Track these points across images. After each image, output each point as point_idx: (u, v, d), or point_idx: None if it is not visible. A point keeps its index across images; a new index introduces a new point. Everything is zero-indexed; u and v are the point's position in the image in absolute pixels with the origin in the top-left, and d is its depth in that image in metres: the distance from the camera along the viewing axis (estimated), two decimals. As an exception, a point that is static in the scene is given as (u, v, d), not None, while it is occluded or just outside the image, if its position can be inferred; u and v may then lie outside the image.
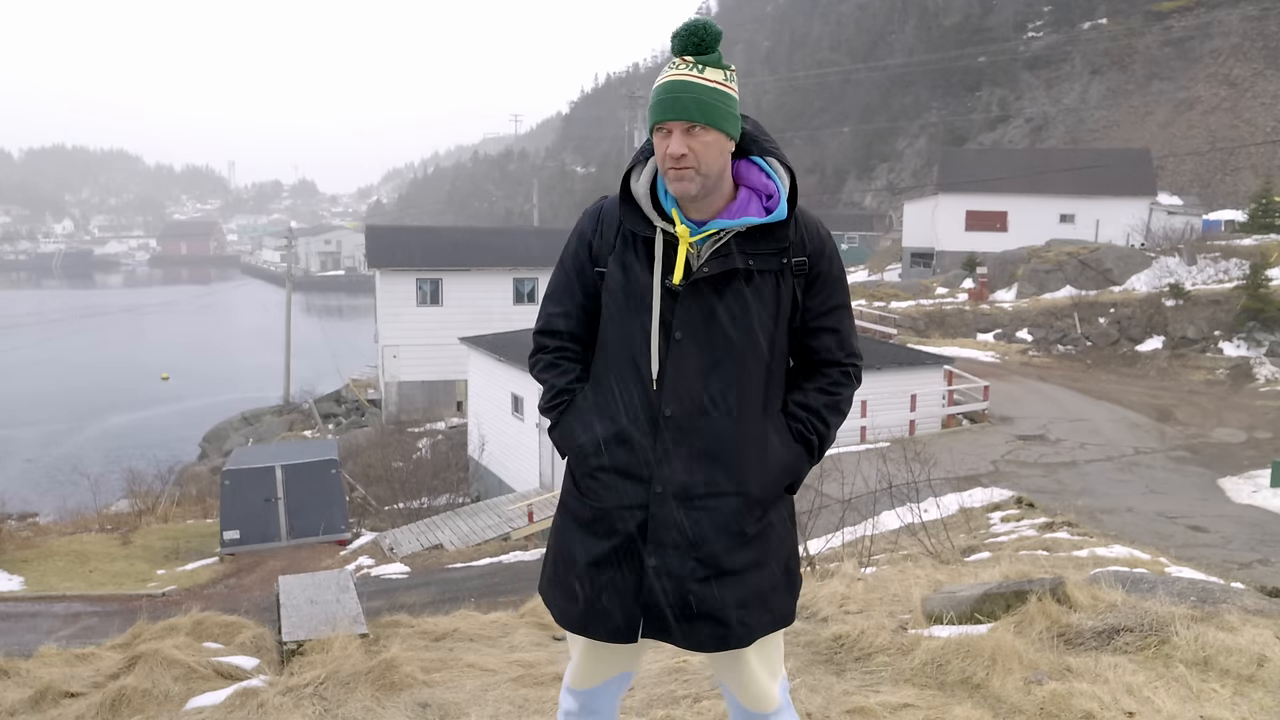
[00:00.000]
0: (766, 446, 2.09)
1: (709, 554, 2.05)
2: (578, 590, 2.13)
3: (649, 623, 2.09)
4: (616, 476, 2.08)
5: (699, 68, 1.97)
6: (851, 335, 2.18)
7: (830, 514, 9.98)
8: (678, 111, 1.95)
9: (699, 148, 1.96)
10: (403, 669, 4.26)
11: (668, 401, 2.05)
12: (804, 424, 2.13)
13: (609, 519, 2.09)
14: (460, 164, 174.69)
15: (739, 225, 2.02)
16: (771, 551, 2.12)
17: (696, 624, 2.07)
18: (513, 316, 29.45)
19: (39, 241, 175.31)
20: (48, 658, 5.59)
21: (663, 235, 2.05)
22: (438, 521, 18.85)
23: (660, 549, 2.05)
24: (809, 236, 2.10)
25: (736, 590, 2.08)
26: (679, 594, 2.06)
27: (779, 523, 2.15)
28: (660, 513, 2.05)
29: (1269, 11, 60.22)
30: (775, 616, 2.15)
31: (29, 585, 15.27)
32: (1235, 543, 11.74)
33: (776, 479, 2.11)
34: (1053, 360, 28.90)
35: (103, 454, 31.98)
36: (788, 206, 2.04)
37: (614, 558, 2.08)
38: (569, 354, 2.21)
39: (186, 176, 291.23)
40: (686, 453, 2.05)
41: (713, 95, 1.96)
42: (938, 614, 4.45)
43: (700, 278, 2.02)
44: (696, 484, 2.04)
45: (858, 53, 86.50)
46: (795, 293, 2.10)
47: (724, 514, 2.05)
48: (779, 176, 2.06)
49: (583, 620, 2.13)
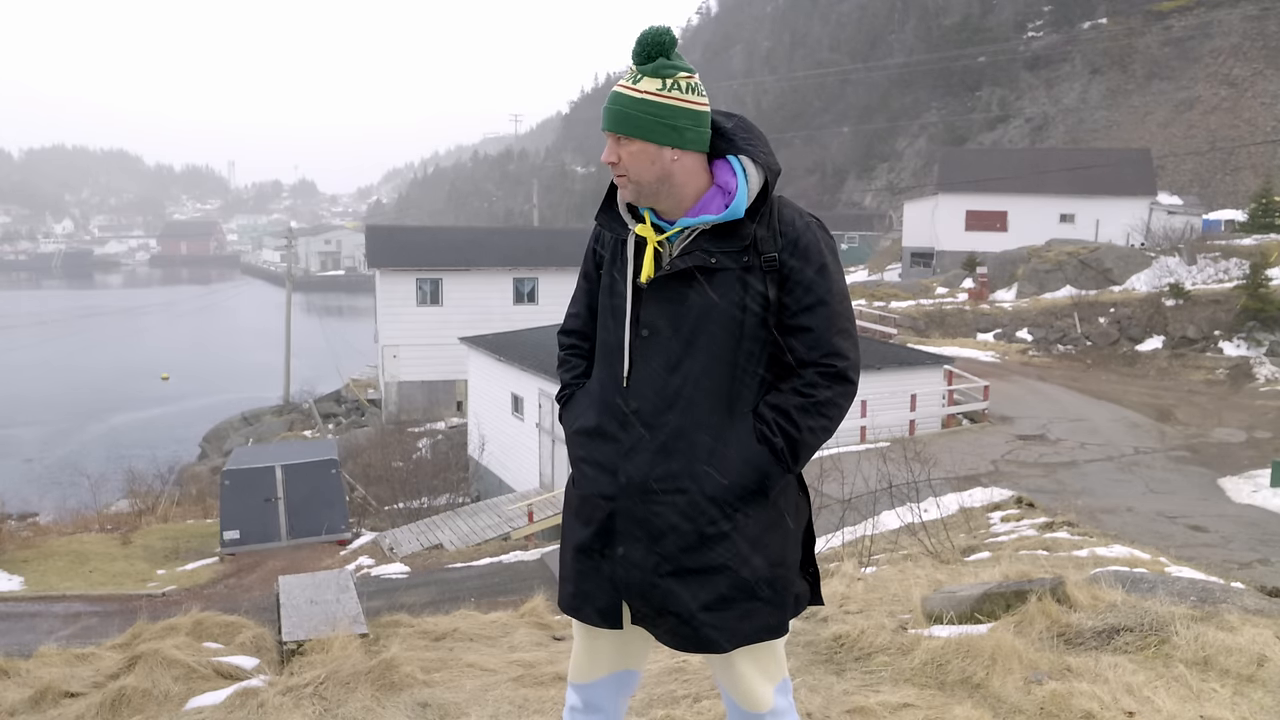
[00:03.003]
0: (726, 445, 2.07)
1: (668, 550, 2.09)
2: (570, 573, 2.24)
3: (632, 612, 2.18)
4: (594, 467, 2.19)
5: (636, 78, 2.04)
6: (831, 334, 2.08)
7: (830, 514, 9.99)
8: (606, 122, 2.07)
9: (626, 157, 2.06)
10: (403, 669, 4.25)
11: (633, 396, 2.12)
12: (769, 425, 2.07)
13: (589, 507, 2.19)
14: (460, 164, 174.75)
15: (698, 224, 2.07)
16: (742, 556, 2.07)
17: (667, 620, 2.13)
18: (513, 316, 29.46)
19: (39, 241, 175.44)
20: (48, 658, 5.59)
21: (635, 237, 2.15)
22: (438, 521, 18.84)
23: (627, 540, 2.13)
24: (783, 232, 2.08)
25: (702, 591, 2.08)
26: (645, 586, 2.12)
27: (755, 527, 2.09)
28: (625, 505, 2.12)
29: (1269, 11, 60.24)
30: (758, 626, 2.11)
31: (29, 585, 15.27)
32: (1235, 543, 11.74)
33: (736, 480, 2.06)
34: (1053, 360, 28.90)
35: (103, 454, 31.97)
36: (754, 203, 2.07)
37: (594, 544, 2.18)
38: (578, 351, 2.38)
39: (186, 176, 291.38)
40: (649, 447, 2.10)
41: (639, 107, 2.03)
42: (938, 614, 4.45)
43: (663, 275, 2.09)
44: (656, 479, 2.09)
45: (858, 53, 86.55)
46: (768, 290, 2.07)
47: (681, 511, 2.07)
48: (746, 174, 2.08)
49: (572, 602, 2.24)
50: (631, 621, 2.19)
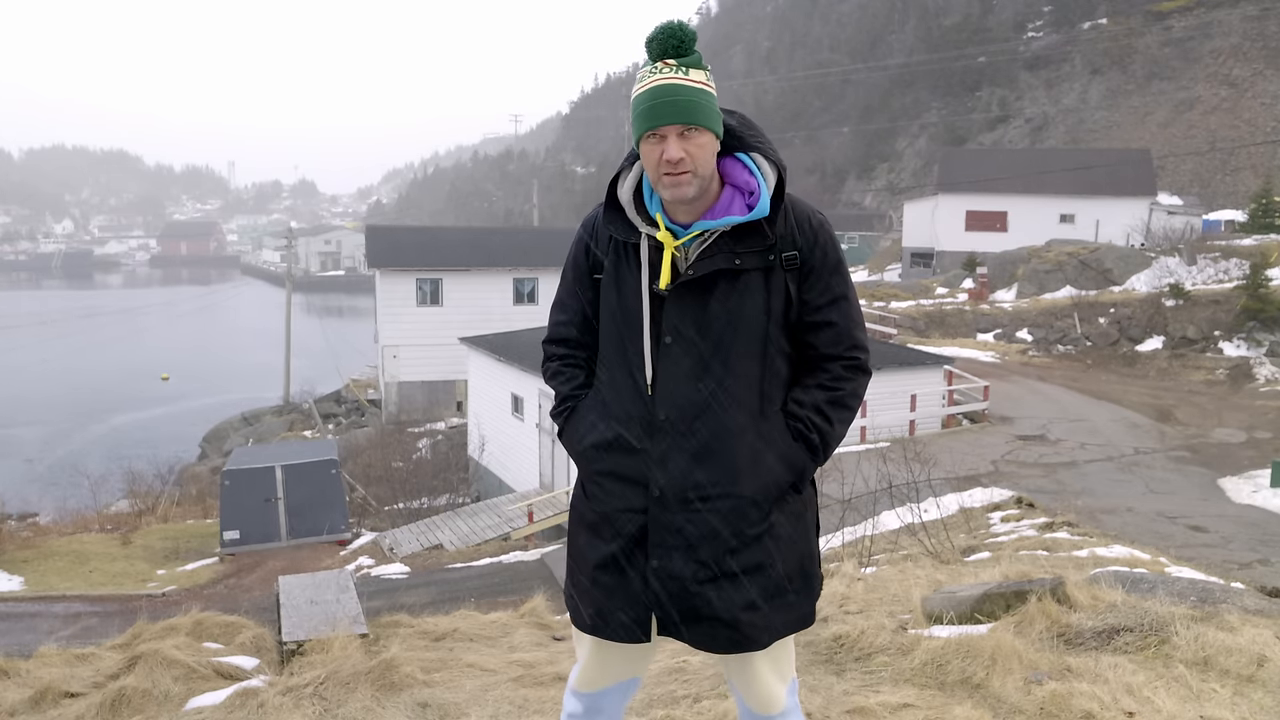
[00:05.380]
0: (764, 446, 2.08)
1: (709, 556, 2.05)
2: (589, 591, 2.15)
3: (660, 623, 2.12)
4: (617, 481, 2.10)
5: (683, 70, 1.97)
6: (852, 327, 2.13)
7: (830, 514, 9.97)
8: (673, 115, 1.94)
9: (694, 150, 1.96)
10: (403, 669, 4.25)
11: (661, 406, 2.06)
12: (803, 421, 2.10)
13: (612, 522, 2.11)
14: (460, 164, 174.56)
15: (722, 225, 2.02)
16: (779, 552, 2.10)
17: (704, 625, 2.08)
18: (513, 316, 29.46)
19: (39, 241, 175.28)
20: (48, 658, 5.59)
21: (649, 240, 2.06)
22: (438, 521, 18.84)
23: (661, 551, 2.07)
24: (800, 229, 2.08)
25: (742, 592, 2.07)
26: (682, 596, 2.07)
27: (787, 523, 2.12)
28: (660, 516, 2.06)
29: (1269, 11, 60.22)
30: (791, 619, 2.14)
31: (29, 585, 15.26)
32: (1235, 543, 11.73)
33: (776, 479, 2.08)
34: (1053, 360, 28.89)
35: (103, 454, 31.93)
36: (772, 202, 2.03)
37: (619, 560, 2.10)
38: (574, 361, 2.25)
39: (186, 177, 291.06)
40: (683, 456, 2.05)
41: (701, 95, 1.97)
42: (938, 614, 4.44)
43: (686, 280, 2.03)
44: (693, 487, 2.05)
45: (858, 53, 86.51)
46: (789, 288, 2.07)
47: (722, 515, 2.05)
48: (762, 172, 2.05)
49: (594, 621, 2.16)
50: (658, 633, 2.14)
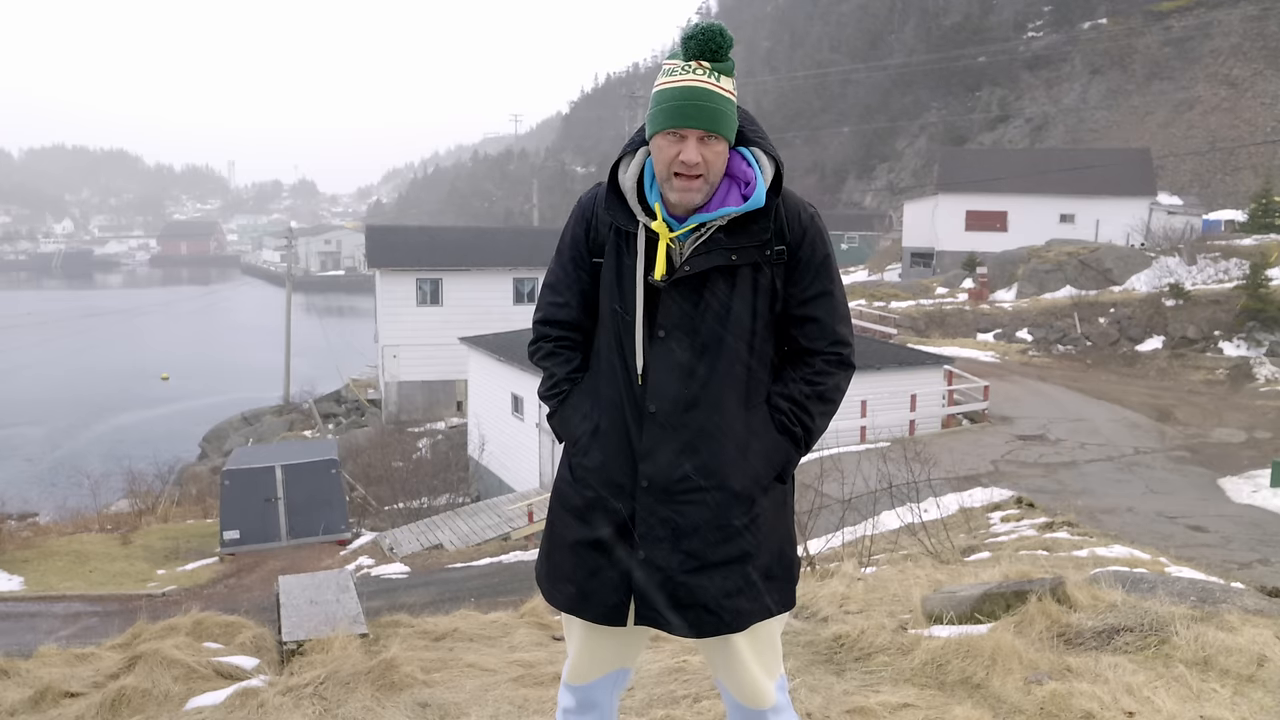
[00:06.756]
0: (750, 440, 2.10)
1: (695, 547, 2.07)
2: (571, 572, 2.17)
3: (640, 609, 2.13)
4: (606, 469, 2.12)
5: (715, 75, 1.98)
6: (836, 322, 2.14)
7: (830, 514, 9.98)
8: (699, 120, 1.95)
9: (711, 157, 1.98)
10: (403, 669, 4.25)
11: (652, 398, 2.07)
12: (786, 415, 2.12)
13: (599, 508, 2.13)
14: (460, 164, 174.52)
15: (717, 217, 2.02)
16: (762, 541, 2.12)
17: (688, 613, 2.10)
18: (513, 316, 29.44)
19: (39, 241, 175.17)
20: (48, 658, 5.59)
21: (645, 231, 2.07)
22: (438, 521, 18.85)
23: (648, 542, 2.09)
24: (790, 224, 2.09)
25: (726, 580, 2.09)
26: (667, 585, 2.09)
27: (769, 511, 2.14)
28: (646, 506, 2.08)
29: (1269, 11, 60.19)
30: (772, 602, 2.16)
31: (29, 585, 15.26)
32: (1235, 543, 11.74)
33: (762, 472, 2.11)
34: (1053, 360, 28.90)
35: (103, 454, 31.91)
36: (768, 194, 2.03)
37: (604, 545, 2.12)
38: (569, 343, 2.24)
39: (186, 176, 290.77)
40: (670, 448, 2.07)
41: (728, 105, 1.99)
42: (938, 614, 4.45)
43: (682, 275, 2.04)
44: (680, 479, 2.07)
45: (858, 53, 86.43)
46: (775, 282, 2.09)
47: (709, 508, 2.07)
48: (760, 166, 2.05)
49: (575, 600, 2.17)
50: (635, 621, 2.15)
